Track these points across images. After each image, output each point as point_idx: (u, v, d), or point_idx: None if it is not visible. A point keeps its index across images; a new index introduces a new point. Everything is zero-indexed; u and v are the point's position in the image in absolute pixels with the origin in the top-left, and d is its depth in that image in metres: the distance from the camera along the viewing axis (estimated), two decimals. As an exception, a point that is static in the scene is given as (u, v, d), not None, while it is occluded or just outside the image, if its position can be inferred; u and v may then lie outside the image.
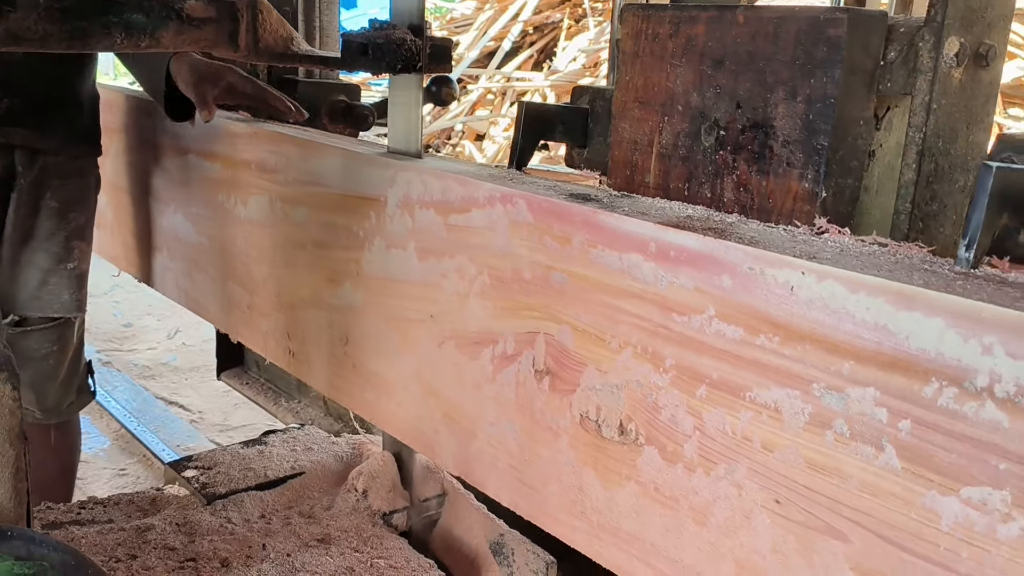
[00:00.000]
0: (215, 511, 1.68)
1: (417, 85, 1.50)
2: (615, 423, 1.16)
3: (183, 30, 1.38)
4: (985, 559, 0.82)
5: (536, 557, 1.51)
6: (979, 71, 1.10)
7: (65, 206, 2.00)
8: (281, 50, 1.49)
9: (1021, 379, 0.78)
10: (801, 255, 0.95)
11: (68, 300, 2.03)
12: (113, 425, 3.72)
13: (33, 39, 1.27)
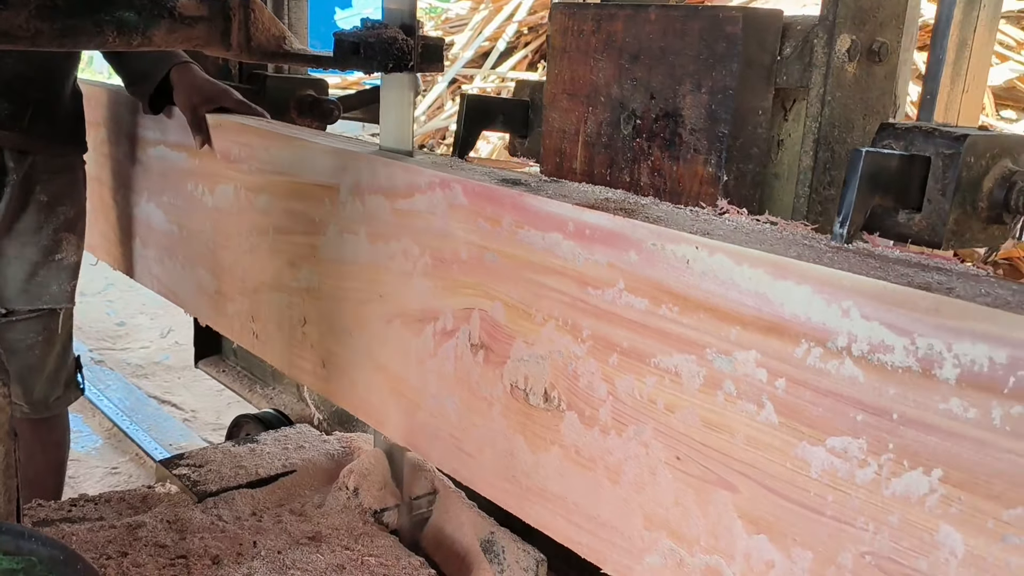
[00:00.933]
0: (206, 509, 1.69)
1: (409, 84, 1.51)
2: (540, 391, 1.25)
3: (175, 28, 1.39)
4: (846, 502, 0.92)
5: (526, 555, 1.52)
6: (873, 66, 1.19)
7: (54, 200, 2.03)
8: (273, 49, 1.49)
9: (873, 338, 0.88)
10: (696, 232, 1.04)
11: (57, 291, 2.06)
12: (105, 424, 3.75)
13: (24, 37, 1.27)
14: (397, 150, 1.51)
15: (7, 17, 1.25)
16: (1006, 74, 7.26)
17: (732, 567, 1.04)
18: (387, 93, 1.52)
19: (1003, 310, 0.79)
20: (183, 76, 1.95)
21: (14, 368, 1.99)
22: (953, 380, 0.82)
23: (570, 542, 1.27)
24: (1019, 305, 0.81)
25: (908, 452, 0.86)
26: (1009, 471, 0.79)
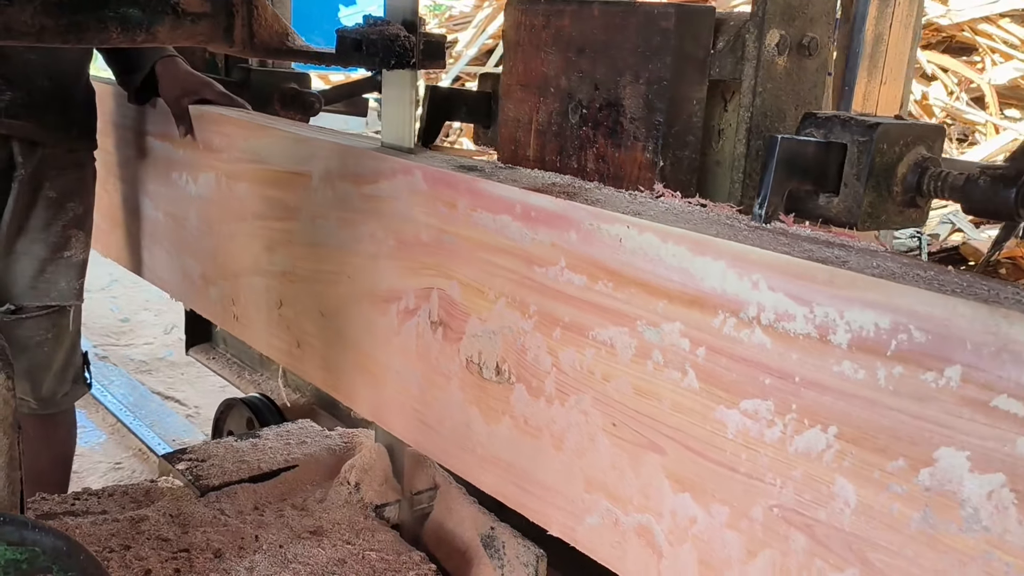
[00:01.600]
0: (208, 503, 1.69)
1: (411, 81, 1.49)
2: (493, 365, 1.33)
3: (178, 24, 1.39)
4: (757, 459, 1.00)
5: (526, 550, 1.52)
6: (804, 60, 1.27)
7: (63, 196, 2.02)
8: (276, 45, 1.49)
9: (778, 308, 0.96)
10: (629, 212, 1.12)
11: (65, 288, 2.05)
12: (109, 419, 3.74)
13: (29, 33, 1.27)
14: (398, 147, 1.52)
15: (12, 13, 1.25)
16: (1010, 73, 7.25)
17: (661, 524, 1.12)
18: (389, 90, 1.52)
19: (887, 280, 0.87)
20: (167, 69, 2.02)
21: (23, 365, 1.99)
22: (845, 345, 0.90)
23: (521, 507, 1.35)
24: (903, 276, 0.89)
25: (808, 412, 0.94)
26: (892, 426, 0.87)
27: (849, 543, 0.92)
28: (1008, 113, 7.27)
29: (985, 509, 0.81)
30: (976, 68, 7.40)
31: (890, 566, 0.89)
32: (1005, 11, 7.36)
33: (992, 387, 0.80)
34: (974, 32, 7.42)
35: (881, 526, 0.89)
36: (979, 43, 7.42)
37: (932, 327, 0.84)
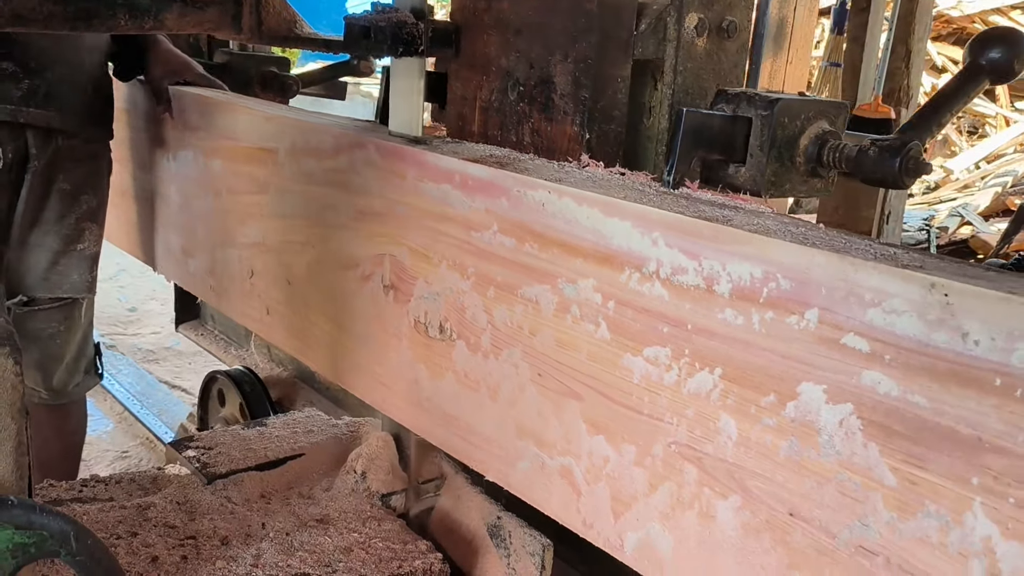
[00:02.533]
0: (215, 490, 1.70)
1: (419, 69, 1.49)
2: (437, 324, 1.44)
3: (186, 12, 1.39)
4: (658, 401, 1.10)
5: (533, 539, 1.52)
6: (724, 41, 1.37)
7: (77, 189, 2.01)
8: (284, 33, 1.51)
9: (674, 263, 1.06)
10: (551, 180, 1.22)
11: (78, 280, 2.05)
12: (117, 408, 3.79)
13: (37, 19, 1.28)
14: (405, 135, 1.52)
15: (21, 1, 1.26)
16: None
17: (580, 465, 1.23)
18: (396, 78, 1.51)
19: (761, 235, 0.98)
20: (152, 50, 2.10)
21: (34, 356, 2.01)
22: (727, 294, 1.01)
23: (466, 458, 1.46)
24: (775, 232, 0.99)
25: (699, 356, 1.05)
26: (765, 366, 0.98)
27: (732, 473, 1.03)
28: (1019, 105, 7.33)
29: (837, 435, 0.92)
30: None
31: (765, 492, 1.00)
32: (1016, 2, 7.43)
33: (842, 327, 0.90)
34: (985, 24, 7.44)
35: (757, 456, 1.00)
36: None
37: (795, 275, 0.94)
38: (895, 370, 0.86)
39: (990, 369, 0.80)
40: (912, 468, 0.86)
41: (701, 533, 1.07)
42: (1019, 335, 0.78)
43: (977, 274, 0.85)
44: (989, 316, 0.80)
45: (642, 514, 1.15)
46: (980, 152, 7.06)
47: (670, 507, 1.11)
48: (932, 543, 0.85)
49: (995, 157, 7.01)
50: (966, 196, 6.44)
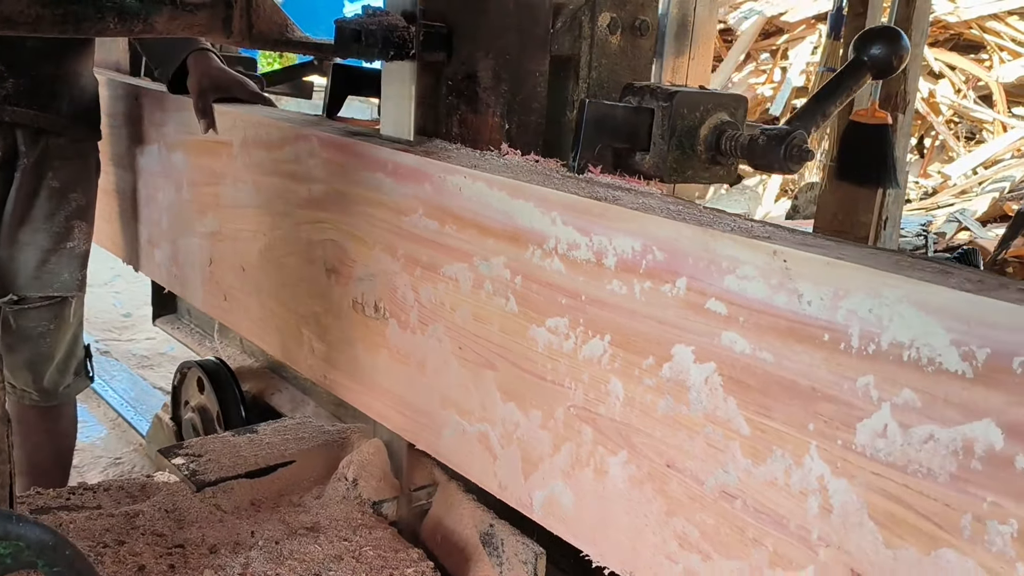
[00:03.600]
0: (204, 498, 1.68)
1: (410, 73, 1.47)
2: (372, 304, 1.53)
3: (177, 15, 1.37)
4: (559, 368, 1.20)
5: (525, 547, 1.51)
6: (637, 39, 1.47)
7: (66, 187, 2.01)
8: (275, 36, 1.49)
9: (569, 239, 1.16)
10: (468, 166, 1.32)
11: (68, 279, 2.05)
12: (110, 414, 3.77)
13: (25, 22, 1.27)
14: (397, 139, 1.51)
15: (8, 2, 1.24)
16: (1018, 71, 7.32)
17: (495, 430, 1.32)
18: (388, 82, 1.51)
19: (641, 212, 1.08)
20: (198, 62, 2.01)
21: (25, 356, 2.02)
22: (613, 266, 1.11)
23: (399, 429, 1.55)
24: (654, 209, 1.09)
25: (591, 324, 1.15)
26: (645, 331, 1.08)
27: (620, 431, 1.13)
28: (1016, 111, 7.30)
29: (704, 392, 1.02)
30: (984, 66, 7.43)
31: (647, 446, 1.09)
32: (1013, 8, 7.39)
33: (705, 292, 1.00)
34: (982, 29, 7.47)
35: (640, 414, 1.10)
36: (987, 41, 7.46)
37: (667, 247, 1.04)
38: (747, 330, 0.96)
39: (819, 326, 0.90)
40: (762, 418, 0.96)
41: (596, 488, 1.17)
42: (842, 294, 0.87)
43: (816, 243, 0.95)
44: (818, 278, 0.89)
45: (547, 473, 1.24)
46: (978, 158, 7.06)
47: (570, 465, 1.20)
48: (779, 485, 0.95)
49: (993, 162, 7.01)
50: (964, 201, 6.44)
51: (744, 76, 7.83)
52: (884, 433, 0.85)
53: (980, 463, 0.79)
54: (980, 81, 7.37)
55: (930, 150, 7.33)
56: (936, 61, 7.46)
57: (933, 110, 7.31)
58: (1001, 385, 0.77)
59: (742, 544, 1.00)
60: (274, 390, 2.95)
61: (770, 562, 0.97)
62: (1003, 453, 0.77)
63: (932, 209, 6.47)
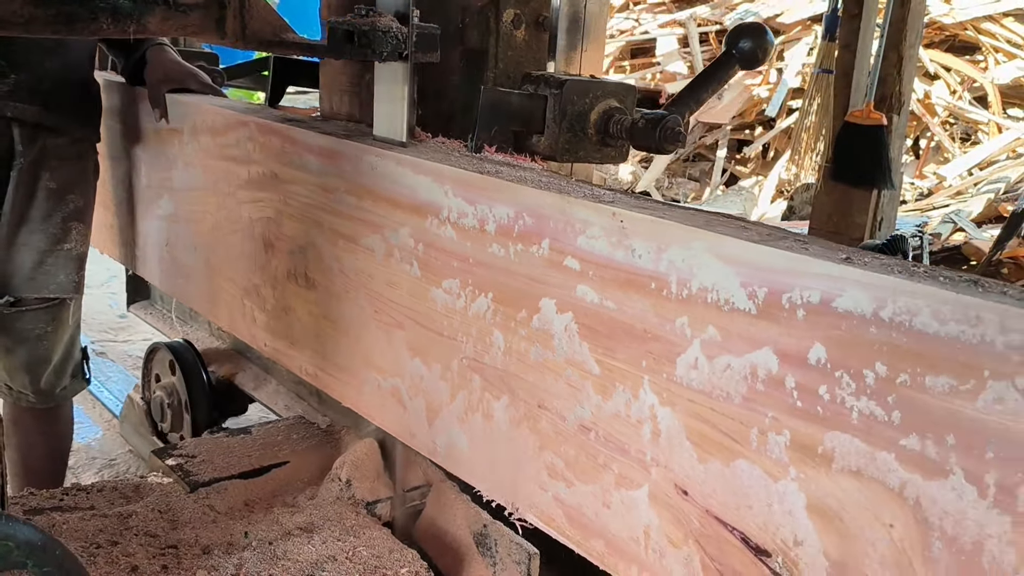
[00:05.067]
0: (198, 499, 1.67)
1: (403, 75, 1.46)
2: (303, 274, 1.68)
3: (170, 16, 1.37)
4: (453, 324, 1.35)
5: (519, 548, 1.52)
6: (541, 33, 1.62)
7: (63, 188, 1.99)
8: (268, 37, 1.49)
9: (459, 209, 1.31)
10: (379, 146, 1.47)
11: (64, 281, 2.02)
12: (106, 415, 3.77)
13: (18, 23, 1.26)
14: (390, 140, 1.51)
15: (1, 3, 1.24)
16: (1013, 72, 7.30)
17: (404, 384, 1.47)
18: (380, 83, 1.50)
19: (515, 183, 1.23)
20: (155, 56, 2.11)
21: (22, 358, 2.01)
22: (493, 232, 1.26)
23: (327, 388, 1.70)
24: (526, 180, 1.24)
25: (477, 283, 1.30)
26: (519, 287, 1.23)
27: (502, 378, 1.28)
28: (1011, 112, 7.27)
29: (564, 338, 1.17)
30: (979, 67, 7.40)
31: (523, 390, 1.25)
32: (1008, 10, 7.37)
33: (563, 251, 1.15)
34: (977, 31, 7.43)
35: (516, 362, 1.25)
36: (982, 42, 7.42)
37: (534, 213, 1.19)
38: (595, 282, 1.12)
39: (648, 275, 1.05)
40: (609, 359, 1.11)
41: (485, 429, 1.32)
42: (664, 248, 1.03)
43: (647, 206, 1.10)
44: (646, 235, 1.05)
45: (447, 420, 1.39)
46: (973, 159, 7.00)
47: (464, 411, 1.36)
48: (622, 416, 1.10)
49: (988, 164, 6.95)
50: (959, 203, 6.38)
51: (740, 77, 7.75)
52: (695, 365, 1.01)
53: (762, 385, 0.94)
54: (975, 82, 7.34)
55: (925, 151, 7.30)
56: (931, 62, 7.44)
57: (928, 111, 7.28)
58: (775, 319, 0.92)
59: (595, 470, 1.15)
60: (238, 369, 3.09)
61: (616, 483, 1.13)
62: (778, 375, 0.93)
63: (927, 210, 6.44)
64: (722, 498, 1.00)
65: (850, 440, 0.87)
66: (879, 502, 0.85)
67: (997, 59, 7.40)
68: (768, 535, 0.96)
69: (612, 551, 1.15)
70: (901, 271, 0.85)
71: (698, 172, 7.60)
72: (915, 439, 0.82)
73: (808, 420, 0.90)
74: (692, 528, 1.04)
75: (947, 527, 0.81)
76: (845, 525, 0.89)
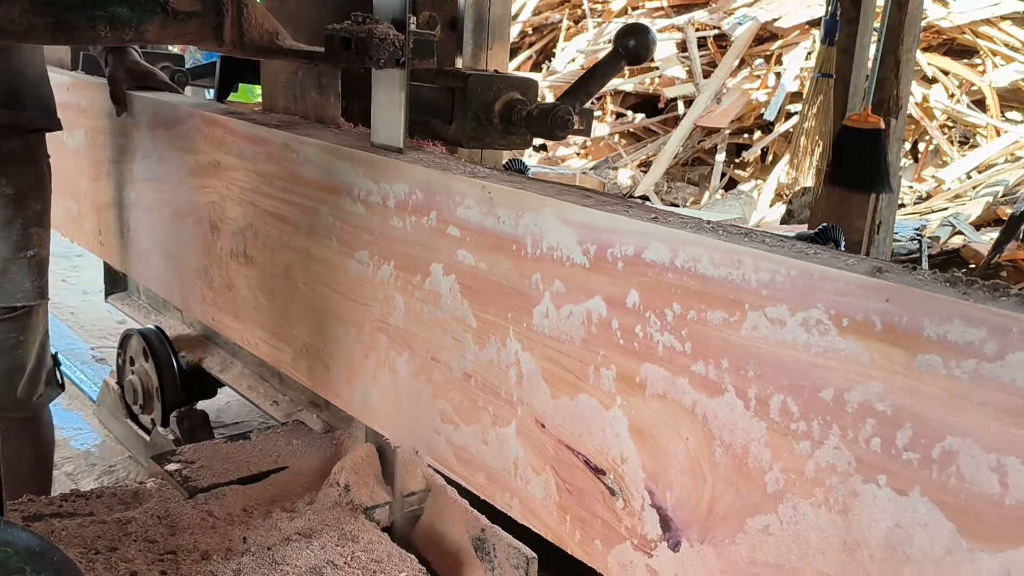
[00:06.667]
0: (197, 504, 1.68)
1: (400, 81, 1.46)
2: (242, 252, 1.85)
3: (168, 24, 1.38)
4: (366, 291, 1.52)
5: (517, 552, 1.53)
6: (451, 33, 1.79)
7: (21, 193, 1.98)
8: (266, 44, 1.49)
9: (367, 188, 1.48)
10: (301, 135, 1.64)
11: (30, 288, 2.02)
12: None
13: (17, 31, 1.27)
14: (388, 147, 1.52)
15: (1, 11, 1.25)
16: (1011, 75, 7.36)
17: (328, 348, 1.64)
18: (377, 90, 1.51)
19: (410, 163, 1.40)
20: (117, 56, 2.23)
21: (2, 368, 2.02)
22: (394, 207, 1.43)
23: (261, 353, 1.87)
24: (422, 161, 1.41)
25: (381, 253, 1.47)
26: (414, 254, 1.40)
27: (404, 336, 1.45)
28: (1009, 115, 7.29)
29: (449, 297, 1.34)
30: (977, 70, 7.42)
31: (419, 345, 1.42)
32: (1006, 13, 7.39)
33: (447, 221, 1.32)
34: (975, 34, 7.46)
35: (415, 321, 1.42)
36: (980, 45, 7.46)
37: (424, 189, 1.36)
38: (472, 247, 1.29)
39: (510, 239, 1.22)
40: (484, 314, 1.28)
41: (391, 383, 1.49)
42: (521, 214, 1.20)
43: (511, 180, 1.28)
44: (509, 203, 1.22)
45: (361, 377, 1.56)
46: (971, 162, 7.03)
47: (375, 368, 1.53)
48: (495, 362, 1.27)
49: (986, 167, 6.98)
50: (958, 206, 6.42)
51: (739, 82, 7.85)
52: (547, 314, 1.18)
53: (595, 328, 1.11)
54: (973, 86, 7.36)
55: (924, 155, 7.32)
56: (929, 66, 7.45)
57: (927, 115, 7.29)
58: (603, 270, 1.09)
59: (475, 412, 1.32)
60: (206, 354, 3.26)
61: (492, 423, 1.30)
62: (606, 319, 1.10)
63: (926, 213, 6.45)
64: (569, 428, 1.17)
65: (657, 369, 1.04)
66: (679, 420, 1.03)
67: (995, 62, 7.43)
68: (603, 456, 1.13)
69: (491, 482, 1.32)
70: (692, 227, 1.02)
71: (697, 176, 7.70)
72: (701, 365, 0.99)
73: (628, 355, 1.08)
74: (549, 456, 1.21)
75: (725, 436, 0.98)
76: (656, 442, 1.06)
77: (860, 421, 0.85)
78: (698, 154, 7.77)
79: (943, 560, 0.80)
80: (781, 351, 0.91)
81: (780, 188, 6.95)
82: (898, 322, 0.82)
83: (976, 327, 0.76)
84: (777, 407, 0.92)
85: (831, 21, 3.91)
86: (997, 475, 0.76)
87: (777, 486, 0.93)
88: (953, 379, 0.78)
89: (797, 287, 0.90)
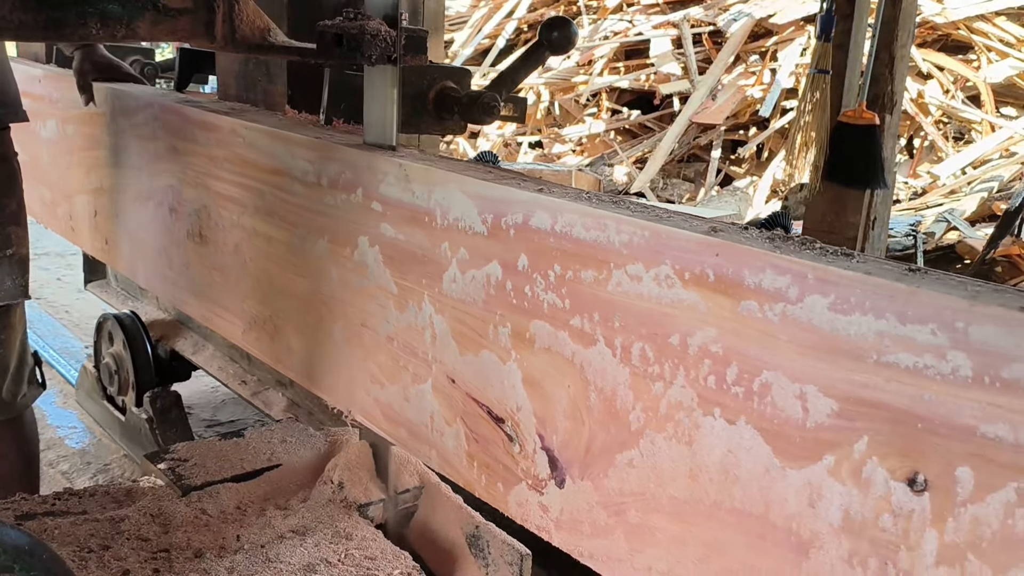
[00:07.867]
0: (190, 502, 1.69)
1: (392, 78, 1.48)
2: (197, 232, 1.97)
3: (159, 20, 1.38)
4: (306, 264, 1.64)
5: (511, 549, 1.54)
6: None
7: None
8: (258, 41, 1.50)
9: (303, 168, 1.59)
10: (248, 120, 1.76)
11: (12, 286, 2.03)
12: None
13: (8, 28, 1.28)
14: (380, 144, 1.53)
15: None
16: (1006, 71, 7.35)
17: (278, 319, 1.76)
18: (369, 87, 1.52)
19: (341, 145, 1.52)
20: (84, 49, 2.32)
21: None
22: (326, 185, 1.55)
23: (208, 322, 1.99)
24: (352, 143, 1.53)
25: (318, 229, 1.59)
26: (344, 230, 1.51)
27: (336, 304, 1.57)
28: (1004, 111, 7.31)
29: (374, 267, 1.46)
30: (972, 66, 7.43)
31: (351, 313, 1.54)
32: (1001, 9, 7.40)
33: (371, 197, 1.44)
34: (970, 30, 7.47)
35: (348, 292, 1.54)
36: (975, 41, 7.45)
37: (351, 168, 1.48)
38: (392, 221, 1.41)
39: (423, 211, 1.34)
40: (403, 281, 1.40)
41: (328, 349, 1.61)
42: (432, 189, 1.32)
43: (426, 158, 1.40)
44: (422, 180, 1.34)
45: (303, 345, 1.68)
46: (966, 158, 7.02)
47: (314, 336, 1.65)
48: (413, 326, 1.40)
49: (981, 163, 6.98)
50: (953, 202, 6.40)
51: (734, 78, 7.86)
52: (455, 279, 1.30)
53: (493, 289, 1.23)
54: (968, 81, 7.37)
55: (919, 150, 7.30)
56: (924, 62, 7.45)
57: (922, 111, 7.30)
58: (498, 237, 1.22)
59: (397, 371, 1.44)
60: (179, 337, 3.38)
61: (412, 381, 1.42)
62: (502, 281, 1.22)
63: (921, 209, 6.46)
64: (475, 382, 1.29)
65: (543, 325, 1.16)
66: (562, 370, 1.15)
67: (990, 58, 7.44)
68: (502, 407, 1.25)
69: (412, 436, 1.44)
70: (571, 196, 1.14)
71: (693, 173, 7.76)
72: (578, 319, 1.11)
73: (520, 313, 1.20)
74: (459, 408, 1.33)
75: (597, 382, 1.10)
76: (544, 390, 1.18)
77: (699, 362, 0.98)
78: (694, 151, 7.82)
79: (763, 479, 0.93)
80: (639, 303, 1.04)
81: (776, 184, 7.00)
82: (726, 273, 0.94)
83: (783, 275, 0.89)
84: (638, 353, 1.05)
85: (826, 17, 3.91)
86: (800, 402, 0.88)
87: (638, 424, 1.06)
88: (767, 321, 0.90)
89: (650, 246, 1.02)
